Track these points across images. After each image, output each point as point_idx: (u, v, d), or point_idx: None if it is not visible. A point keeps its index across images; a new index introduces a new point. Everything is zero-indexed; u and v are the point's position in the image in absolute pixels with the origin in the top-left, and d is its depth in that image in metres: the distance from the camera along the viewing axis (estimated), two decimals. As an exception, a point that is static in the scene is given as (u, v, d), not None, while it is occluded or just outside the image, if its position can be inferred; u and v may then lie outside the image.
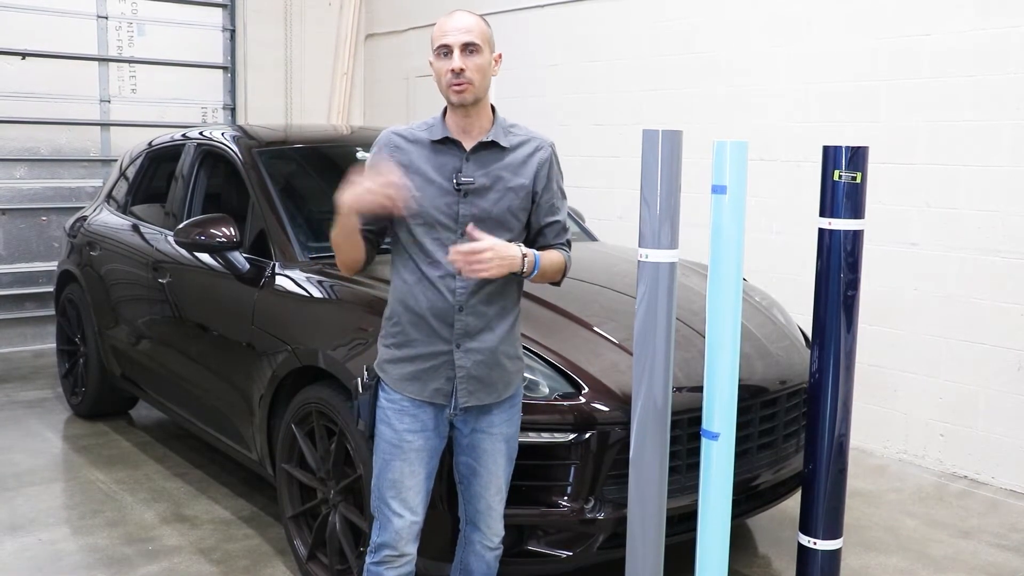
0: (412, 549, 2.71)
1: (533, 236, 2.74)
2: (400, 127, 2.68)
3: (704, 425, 2.77)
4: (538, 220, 2.72)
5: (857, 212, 2.93)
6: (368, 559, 2.74)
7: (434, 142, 2.61)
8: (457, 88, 2.53)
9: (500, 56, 2.64)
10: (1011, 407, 4.67)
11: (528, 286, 2.82)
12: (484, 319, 2.62)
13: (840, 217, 2.93)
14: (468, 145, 2.60)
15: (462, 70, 2.51)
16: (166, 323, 4.67)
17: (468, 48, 2.53)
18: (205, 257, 4.24)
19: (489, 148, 2.62)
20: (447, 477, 2.90)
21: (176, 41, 7.99)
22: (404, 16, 8.45)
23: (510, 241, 2.58)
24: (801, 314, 4.09)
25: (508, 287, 2.67)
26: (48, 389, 6.24)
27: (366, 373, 2.74)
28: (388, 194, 2.42)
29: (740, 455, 3.24)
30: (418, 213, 2.56)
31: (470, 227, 2.51)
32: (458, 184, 2.57)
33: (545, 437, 3.03)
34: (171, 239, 4.47)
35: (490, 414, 2.70)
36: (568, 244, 2.80)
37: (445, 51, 2.54)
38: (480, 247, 2.46)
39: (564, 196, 2.79)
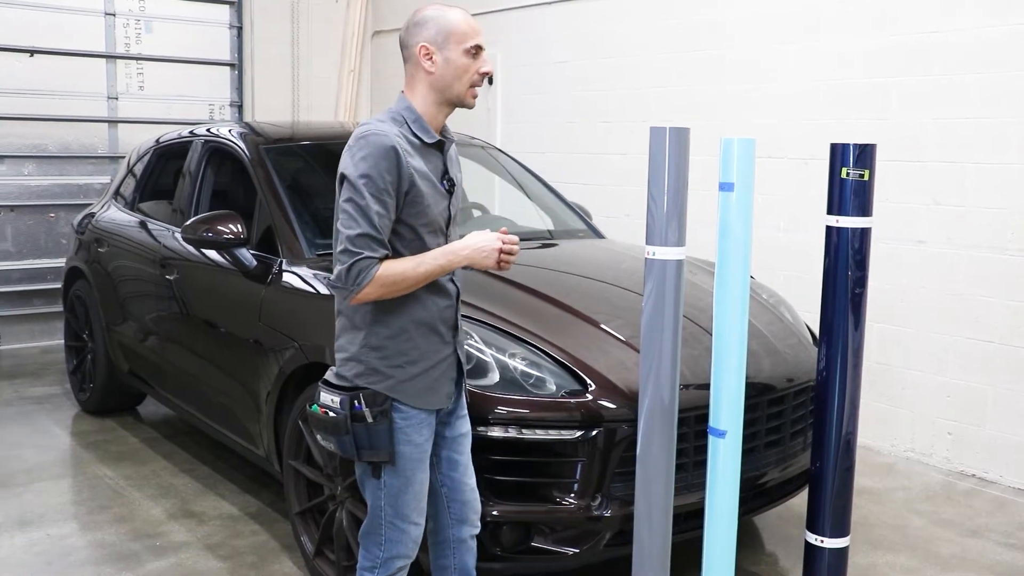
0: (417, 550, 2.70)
1: None
2: (384, 126, 2.44)
3: (711, 423, 2.77)
4: None
5: (865, 210, 2.92)
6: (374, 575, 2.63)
7: (428, 145, 2.52)
8: (477, 93, 2.53)
9: None
10: (1019, 406, 4.66)
11: (533, 283, 2.83)
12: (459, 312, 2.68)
13: (848, 215, 2.92)
14: (441, 144, 2.58)
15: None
16: (173, 320, 4.68)
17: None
18: (212, 254, 4.25)
19: (449, 145, 2.63)
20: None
21: (183, 38, 8.01)
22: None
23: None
24: (808, 312, 4.09)
25: None
26: (56, 385, 6.26)
27: (363, 404, 2.47)
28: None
29: (747, 453, 3.23)
30: (430, 220, 2.51)
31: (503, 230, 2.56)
32: (450, 185, 2.57)
33: (552, 434, 3.03)
34: (178, 236, 4.49)
35: (462, 396, 2.74)
36: None
37: (477, 51, 2.50)
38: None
39: None
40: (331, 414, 2.49)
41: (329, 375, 2.58)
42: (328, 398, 2.51)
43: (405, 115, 2.51)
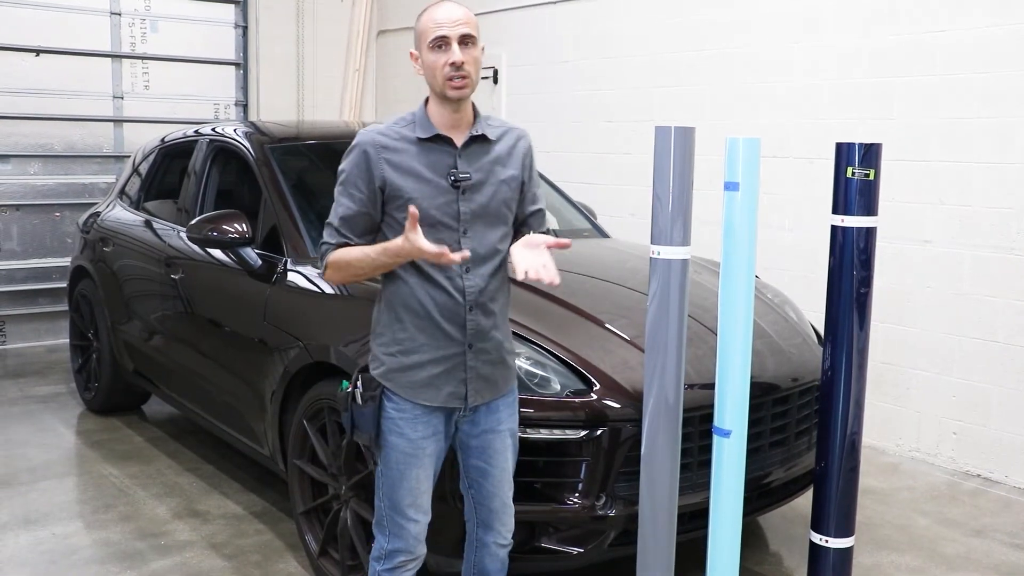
0: (424, 548, 2.70)
1: (518, 226, 2.71)
2: (378, 126, 2.57)
3: (715, 422, 2.77)
4: (523, 210, 2.70)
5: (870, 209, 2.92)
6: (379, 566, 2.67)
7: (423, 140, 2.53)
8: (458, 84, 2.47)
9: (483, 48, 2.59)
10: (1025, 405, 4.65)
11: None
12: (492, 317, 2.60)
13: (853, 214, 2.92)
14: (457, 140, 2.54)
15: (463, 63, 2.46)
16: (178, 319, 4.68)
17: (465, 40, 2.48)
18: (217, 253, 4.26)
19: (478, 142, 2.57)
20: (456, 475, 2.89)
21: (189, 38, 8.02)
22: (416, 12, 8.33)
23: (504, 235, 2.61)
24: (813, 311, 4.08)
25: (506, 283, 2.65)
26: (61, 384, 6.27)
27: (360, 384, 2.61)
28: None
29: (752, 452, 3.23)
30: (421, 215, 2.46)
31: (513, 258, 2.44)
32: (456, 181, 2.53)
33: (557, 434, 3.03)
34: (183, 235, 4.49)
35: (498, 411, 2.67)
36: (548, 232, 2.74)
37: (441, 43, 2.46)
38: (545, 258, 2.39)
39: (539, 183, 2.79)
40: (348, 391, 2.66)
41: None
42: (355, 377, 2.67)
43: (415, 114, 2.58)
